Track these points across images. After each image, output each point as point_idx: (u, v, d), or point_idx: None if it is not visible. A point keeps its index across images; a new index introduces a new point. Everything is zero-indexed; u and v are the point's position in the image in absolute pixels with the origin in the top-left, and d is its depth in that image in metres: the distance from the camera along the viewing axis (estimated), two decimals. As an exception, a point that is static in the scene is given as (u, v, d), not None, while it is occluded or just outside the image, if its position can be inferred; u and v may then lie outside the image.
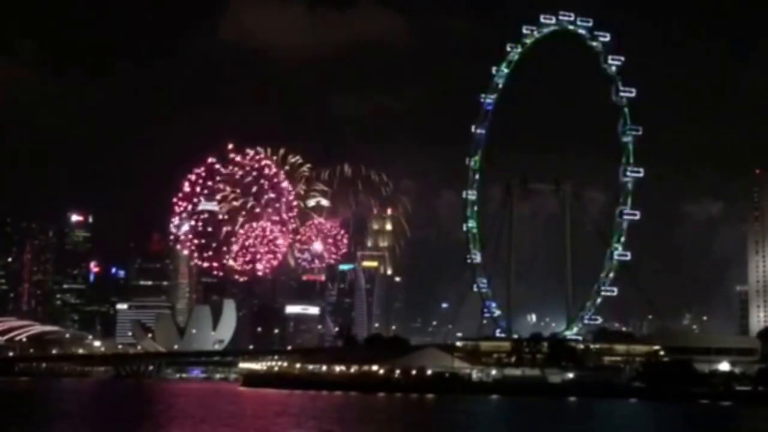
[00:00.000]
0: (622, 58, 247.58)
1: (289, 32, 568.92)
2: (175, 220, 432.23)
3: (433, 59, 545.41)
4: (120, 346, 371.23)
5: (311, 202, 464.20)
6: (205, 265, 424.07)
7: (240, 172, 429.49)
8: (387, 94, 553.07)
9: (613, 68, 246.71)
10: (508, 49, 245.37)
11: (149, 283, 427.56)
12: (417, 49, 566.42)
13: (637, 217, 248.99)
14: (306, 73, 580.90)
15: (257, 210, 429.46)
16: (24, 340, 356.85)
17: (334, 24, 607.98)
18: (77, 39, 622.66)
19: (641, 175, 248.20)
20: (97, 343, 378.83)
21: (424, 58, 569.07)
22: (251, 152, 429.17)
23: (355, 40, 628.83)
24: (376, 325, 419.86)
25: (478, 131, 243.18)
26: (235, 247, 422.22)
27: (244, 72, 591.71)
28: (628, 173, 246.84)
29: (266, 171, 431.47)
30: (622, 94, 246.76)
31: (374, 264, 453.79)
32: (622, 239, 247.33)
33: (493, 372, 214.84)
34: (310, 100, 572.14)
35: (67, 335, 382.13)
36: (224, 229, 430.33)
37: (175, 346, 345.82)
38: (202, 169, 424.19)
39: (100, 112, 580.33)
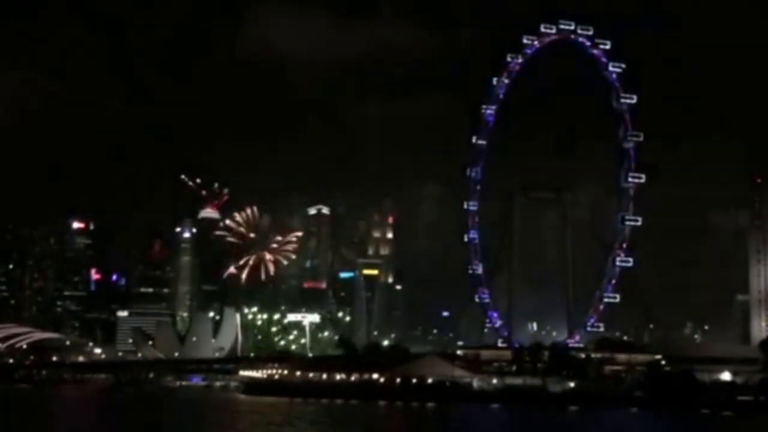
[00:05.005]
0: (623, 65, 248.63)
1: (307, 42, 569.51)
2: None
3: (451, 69, 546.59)
4: (120, 354, 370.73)
5: (312, 210, 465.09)
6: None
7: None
8: (406, 102, 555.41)
9: (614, 75, 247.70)
10: (509, 59, 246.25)
11: (150, 290, 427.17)
12: (436, 59, 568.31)
13: (639, 223, 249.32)
14: (324, 82, 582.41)
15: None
16: (24, 347, 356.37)
17: (354, 34, 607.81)
18: (95, 49, 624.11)
19: (642, 181, 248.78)
20: (97, 351, 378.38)
21: (440, 68, 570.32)
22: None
23: (374, 50, 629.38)
24: (376, 333, 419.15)
25: (479, 142, 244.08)
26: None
27: (262, 82, 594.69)
28: (630, 179, 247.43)
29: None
30: (623, 100, 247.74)
31: (375, 272, 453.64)
32: (624, 246, 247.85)
33: (494, 381, 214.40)
34: (325, 108, 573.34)
35: (68, 342, 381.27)
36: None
37: (176, 354, 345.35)
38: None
39: (109, 121, 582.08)
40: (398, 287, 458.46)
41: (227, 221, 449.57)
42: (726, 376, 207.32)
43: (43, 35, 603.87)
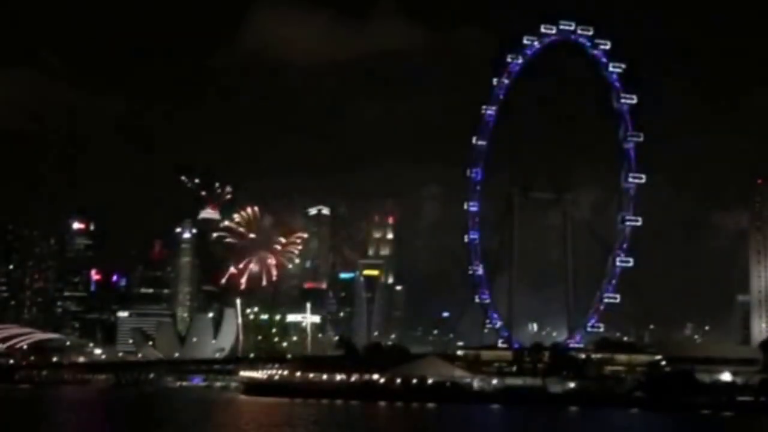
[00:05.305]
0: (623, 65, 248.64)
1: (308, 42, 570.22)
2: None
3: (450, 70, 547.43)
4: (120, 354, 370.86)
5: (312, 211, 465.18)
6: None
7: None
8: (406, 102, 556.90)
9: (614, 75, 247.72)
10: (509, 59, 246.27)
11: (150, 291, 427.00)
12: (435, 60, 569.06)
13: (639, 223, 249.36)
14: (326, 83, 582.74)
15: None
16: (25, 347, 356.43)
17: (354, 34, 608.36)
18: (98, 50, 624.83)
19: (643, 181, 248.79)
20: (97, 351, 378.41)
21: (441, 69, 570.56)
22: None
23: (374, 50, 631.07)
24: (376, 333, 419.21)
25: (479, 143, 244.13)
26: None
27: (263, 82, 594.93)
28: (630, 179, 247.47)
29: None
30: (623, 100, 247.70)
31: (375, 272, 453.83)
32: (625, 246, 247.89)
33: (494, 381, 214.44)
34: (325, 108, 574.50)
35: (68, 343, 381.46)
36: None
37: (176, 354, 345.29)
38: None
39: (109, 121, 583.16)
40: (398, 288, 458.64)
41: (226, 222, 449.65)
42: (726, 376, 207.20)
43: (43, 35, 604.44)
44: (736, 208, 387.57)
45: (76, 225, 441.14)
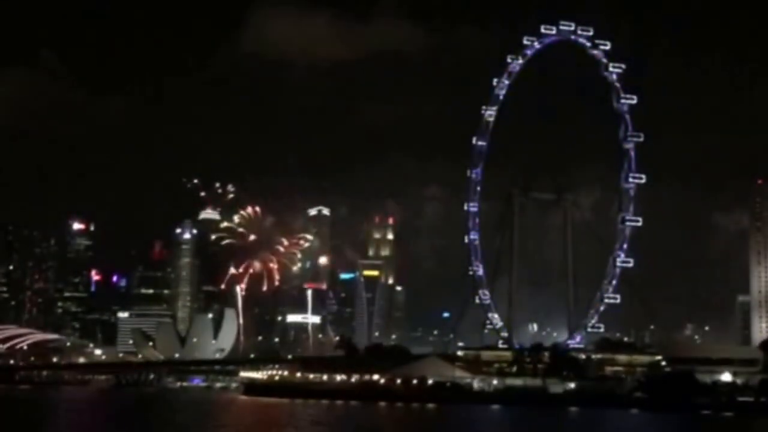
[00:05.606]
0: (623, 66, 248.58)
1: (309, 43, 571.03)
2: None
3: (450, 70, 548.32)
4: (121, 355, 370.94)
5: (312, 211, 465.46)
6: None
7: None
8: (406, 103, 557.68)
9: (614, 75, 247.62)
10: (509, 60, 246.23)
11: (150, 291, 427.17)
12: (435, 60, 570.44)
13: (640, 224, 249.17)
14: (326, 83, 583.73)
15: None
16: (25, 348, 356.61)
17: (354, 34, 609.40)
18: (98, 50, 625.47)
19: (643, 181, 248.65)
20: (98, 352, 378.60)
21: (441, 69, 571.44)
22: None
23: (374, 50, 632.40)
24: (377, 334, 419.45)
25: (479, 143, 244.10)
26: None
27: (264, 83, 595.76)
28: (630, 180, 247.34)
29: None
30: (623, 101, 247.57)
31: (375, 273, 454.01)
32: (625, 246, 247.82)
33: (495, 382, 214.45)
34: (326, 109, 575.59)
35: (68, 343, 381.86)
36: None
37: (176, 355, 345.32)
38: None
39: (110, 121, 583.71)
40: (399, 288, 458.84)
41: (226, 223, 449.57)
42: (726, 377, 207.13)
43: (44, 35, 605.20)
44: (736, 208, 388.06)
45: (76, 225, 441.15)
